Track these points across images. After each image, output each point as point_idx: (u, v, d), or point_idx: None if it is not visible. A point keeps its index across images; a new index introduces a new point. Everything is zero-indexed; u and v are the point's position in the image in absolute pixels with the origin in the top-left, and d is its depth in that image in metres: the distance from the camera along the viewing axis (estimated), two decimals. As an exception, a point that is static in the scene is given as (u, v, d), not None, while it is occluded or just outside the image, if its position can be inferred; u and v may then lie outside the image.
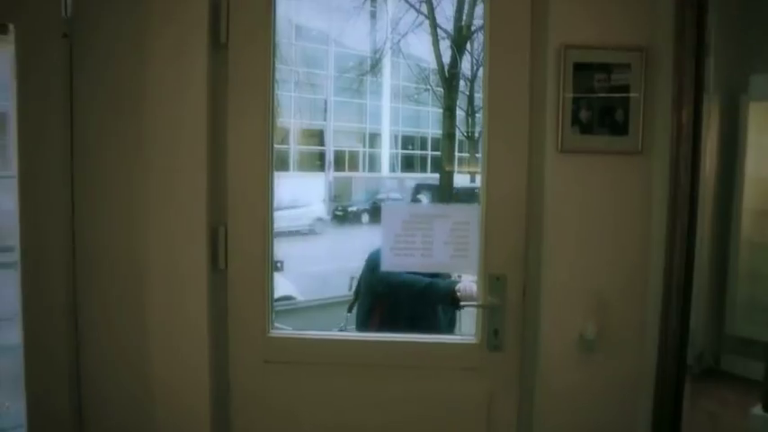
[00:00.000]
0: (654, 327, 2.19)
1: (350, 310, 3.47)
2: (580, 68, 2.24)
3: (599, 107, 2.26)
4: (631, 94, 2.26)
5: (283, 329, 2.40)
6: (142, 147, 2.26)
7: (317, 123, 10.22)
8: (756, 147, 2.35)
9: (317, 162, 10.83)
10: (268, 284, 2.29)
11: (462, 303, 2.64)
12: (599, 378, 2.23)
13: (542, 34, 2.23)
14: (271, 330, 2.32)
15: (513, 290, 2.28)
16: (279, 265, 2.39)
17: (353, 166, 14.02)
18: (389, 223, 2.42)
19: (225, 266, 2.27)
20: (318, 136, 10.42)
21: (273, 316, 2.32)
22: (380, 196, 12.60)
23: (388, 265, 2.44)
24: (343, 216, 11.55)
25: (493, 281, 2.26)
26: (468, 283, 2.74)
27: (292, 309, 5.35)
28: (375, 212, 11.00)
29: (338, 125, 12.91)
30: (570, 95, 2.26)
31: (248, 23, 2.17)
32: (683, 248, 2.16)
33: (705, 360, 2.37)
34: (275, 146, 2.28)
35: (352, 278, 7.10)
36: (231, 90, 2.19)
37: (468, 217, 2.38)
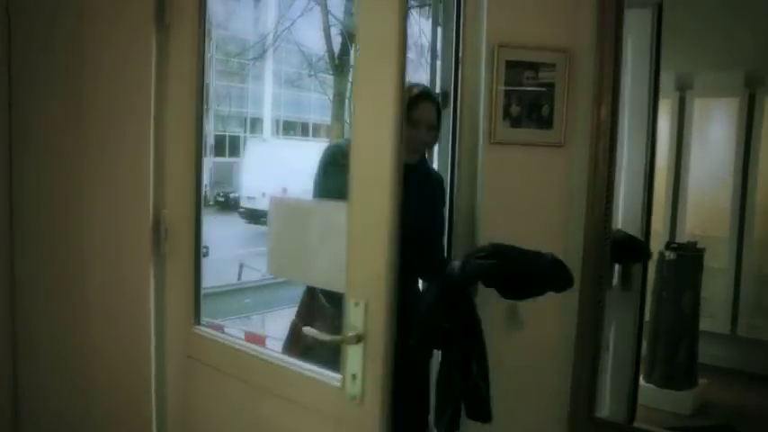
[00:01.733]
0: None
1: None
2: (511, 66, 2.37)
3: (527, 102, 2.38)
4: (556, 91, 2.35)
5: (206, 328, 2.22)
6: (86, 130, 2.14)
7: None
8: (699, 139, 2.56)
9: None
10: (195, 274, 2.21)
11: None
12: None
13: (478, 33, 2.33)
14: (196, 326, 2.21)
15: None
16: (205, 250, 2.32)
17: (235, 152, 13.81)
18: (277, 221, 2.06)
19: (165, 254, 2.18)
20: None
21: (201, 309, 2.22)
22: (262, 182, 12.52)
23: (277, 271, 2.26)
24: (224, 202, 11.37)
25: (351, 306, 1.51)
26: None
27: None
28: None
29: (219, 109, 12.67)
30: (503, 90, 2.36)
31: (187, 7, 2.11)
32: (600, 236, 2.33)
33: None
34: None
35: (241, 265, 7.05)
36: (171, 73, 2.13)
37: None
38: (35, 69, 2.14)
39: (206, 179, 10.66)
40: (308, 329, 1.64)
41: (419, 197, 2.05)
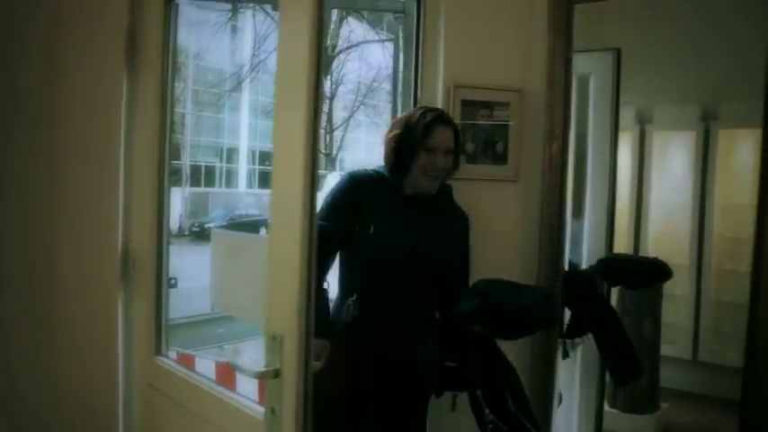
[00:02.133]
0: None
1: None
2: (466, 105, 2.46)
3: (483, 139, 2.47)
4: (510, 129, 2.44)
5: (165, 359, 2.08)
6: (59, 165, 2.16)
7: (173, 137, 9.98)
8: (659, 170, 2.66)
9: (172, 176, 10.54)
10: (158, 304, 2.17)
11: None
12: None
13: (435, 74, 2.43)
14: (157, 356, 2.10)
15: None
16: (173, 282, 2.31)
17: (210, 182, 13.81)
18: (218, 255, 2.09)
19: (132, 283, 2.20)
20: (175, 150, 10.18)
21: (165, 339, 2.19)
22: (238, 212, 12.51)
23: (219, 304, 2.13)
24: (199, 232, 11.32)
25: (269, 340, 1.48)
26: None
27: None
28: (233, 229, 10.89)
29: (195, 139, 12.69)
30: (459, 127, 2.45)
31: (153, 47, 2.16)
32: (552, 267, 2.41)
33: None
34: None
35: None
36: (140, 110, 2.17)
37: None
38: (6, 106, 2.15)
39: (181, 209, 10.67)
40: (233, 363, 1.59)
41: (432, 229, 2.03)
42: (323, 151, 9.98)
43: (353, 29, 7.77)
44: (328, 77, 8.28)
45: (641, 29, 2.74)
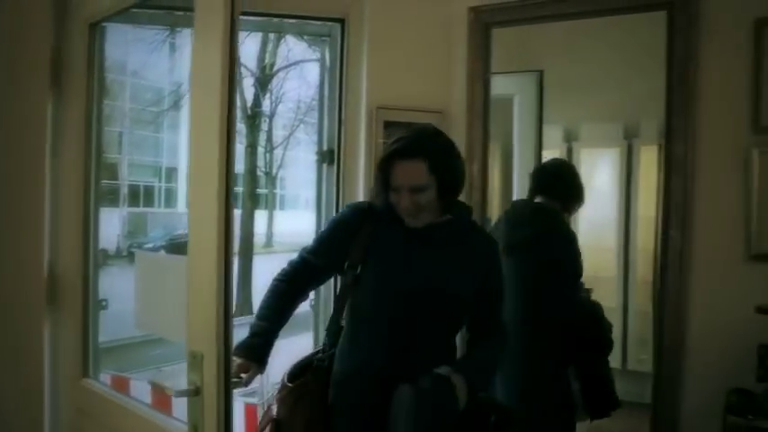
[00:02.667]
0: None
1: None
2: (389, 126, 2.51)
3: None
4: None
5: (93, 381, 2.05)
6: None
7: (110, 156, 9.74)
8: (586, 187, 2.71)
9: (108, 196, 10.29)
10: (84, 326, 2.08)
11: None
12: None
13: (359, 96, 2.50)
14: (85, 378, 2.06)
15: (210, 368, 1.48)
16: (104, 303, 2.26)
17: (149, 201, 13.53)
18: (143, 275, 2.05)
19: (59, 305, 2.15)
20: (112, 170, 9.96)
21: (93, 362, 2.14)
22: (177, 232, 12.28)
23: (142, 324, 2.07)
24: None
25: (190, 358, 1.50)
26: None
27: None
28: (172, 249, 10.69)
29: (133, 159, 12.43)
30: (381, 149, 2.48)
31: (76, 63, 2.14)
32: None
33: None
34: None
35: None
36: (67, 132, 2.14)
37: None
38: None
39: (119, 230, 10.42)
40: (153, 381, 1.60)
41: (439, 264, 1.74)
42: (263, 169, 9.92)
43: (292, 47, 7.81)
44: (267, 96, 8.27)
45: (563, 52, 2.86)
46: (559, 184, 2.48)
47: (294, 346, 1.69)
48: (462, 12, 2.54)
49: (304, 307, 2.16)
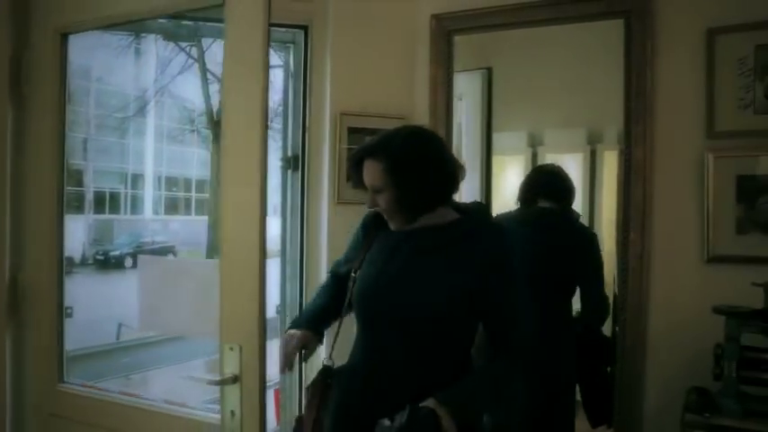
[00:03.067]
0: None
1: None
2: (353, 132, 2.53)
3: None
4: None
5: (69, 385, 2.09)
6: None
7: (75, 163, 9.54)
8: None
9: (73, 203, 10.10)
10: (57, 336, 2.08)
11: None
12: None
13: (322, 102, 2.52)
14: (60, 383, 2.10)
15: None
16: (69, 311, 2.25)
17: (115, 208, 13.34)
18: (146, 279, 2.18)
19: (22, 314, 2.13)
20: (76, 176, 9.79)
21: (65, 368, 2.17)
22: (144, 239, 12.14)
23: (146, 325, 2.29)
24: (104, 261, 10.94)
25: (225, 350, 1.68)
26: None
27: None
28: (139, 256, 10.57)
29: (98, 165, 12.26)
30: (345, 155, 2.49)
31: (42, 71, 2.12)
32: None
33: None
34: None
35: (120, 325, 6.80)
36: (29, 136, 2.12)
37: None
38: None
39: (84, 237, 10.27)
40: (190, 376, 1.69)
41: (424, 272, 1.61)
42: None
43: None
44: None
45: (525, 60, 2.92)
46: (562, 188, 2.55)
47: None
48: (425, 19, 2.58)
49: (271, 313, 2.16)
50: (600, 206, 3.02)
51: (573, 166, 3.14)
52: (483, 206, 1.79)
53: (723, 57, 2.17)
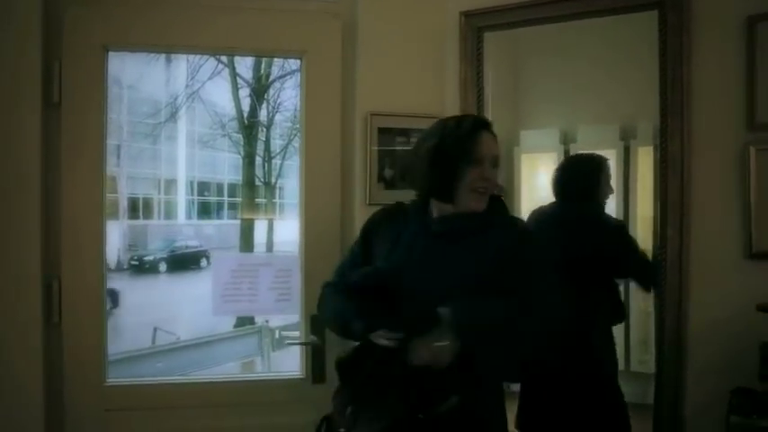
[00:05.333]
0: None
1: None
2: (383, 132, 2.51)
3: (401, 166, 2.52)
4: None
5: (119, 379, 2.42)
6: None
7: (109, 169, 9.63)
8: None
9: (109, 209, 10.23)
10: (103, 335, 2.30)
11: (288, 342, 2.46)
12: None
13: (351, 103, 2.49)
14: (107, 380, 2.33)
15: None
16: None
17: (149, 214, 13.52)
18: (219, 271, 2.51)
19: (59, 320, 2.24)
20: (110, 182, 9.88)
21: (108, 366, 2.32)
22: (178, 244, 12.26)
23: (220, 310, 2.54)
24: (138, 266, 11.08)
25: (313, 320, 2.37)
26: None
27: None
28: (173, 261, 10.68)
29: (132, 171, 12.44)
30: (376, 156, 2.50)
31: (81, 83, 2.20)
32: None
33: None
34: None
35: (155, 329, 6.88)
36: (64, 145, 2.19)
37: (290, 265, 2.51)
38: None
39: (119, 243, 10.40)
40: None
41: (457, 266, 1.63)
42: (261, 179, 9.92)
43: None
44: (264, 105, 8.25)
45: (556, 55, 2.87)
46: (565, 183, 2.57)
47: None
48: (454, 16, 2.54)
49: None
50: (635, 203, 2.96)
51: (606, 163, 3.12)
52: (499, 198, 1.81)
53: (764, 45, 2.10)
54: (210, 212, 15.33)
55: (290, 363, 2.65)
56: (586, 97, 2.98)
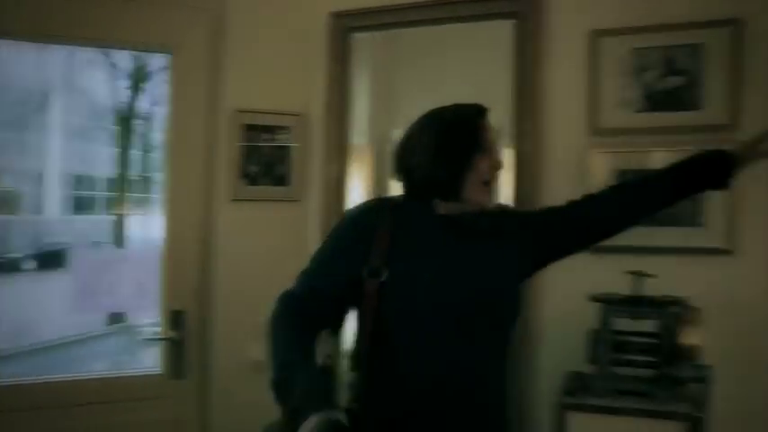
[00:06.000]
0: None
1: None
2: (249, 129, 2.53)
3: (265, 162, 2.56)
4: (292, 152, 2.58)
5: None
6: None
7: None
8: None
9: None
10: None
11: (144, 338, 2.54)
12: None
13: (217, 99, 2.50)
14: None
15: (192, 322, 2.45)
16: None
17: (13, 209, 12.64)
18: (80, 268, 2.49)
19: None
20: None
21: None
22: (48, 241, 11.56)
23: (81, 308, 2.54)
24: (1, 264, 10.30)
25: (174, 315, 2.39)
26: None
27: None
28: (43, 259, 10.07)
29: (-3, 162, 11.61)
30: (240, 152, 2.52)
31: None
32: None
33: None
34: None
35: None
36: None
37: (151, 260, 2.48)
38: None
39: (-24, 239, 9.66)
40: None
41: (481, 258, 1.51)
42: (137, 174, 9.54)
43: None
44: (142, 97, 7.96)
45: (419, 57, 2.95)
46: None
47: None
48: (323, 16, 2.61)
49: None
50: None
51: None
52: None
53: (605, 58, 2.27)
54: (85, 207, 14.56)
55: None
56: (453, 97, 3.09)
